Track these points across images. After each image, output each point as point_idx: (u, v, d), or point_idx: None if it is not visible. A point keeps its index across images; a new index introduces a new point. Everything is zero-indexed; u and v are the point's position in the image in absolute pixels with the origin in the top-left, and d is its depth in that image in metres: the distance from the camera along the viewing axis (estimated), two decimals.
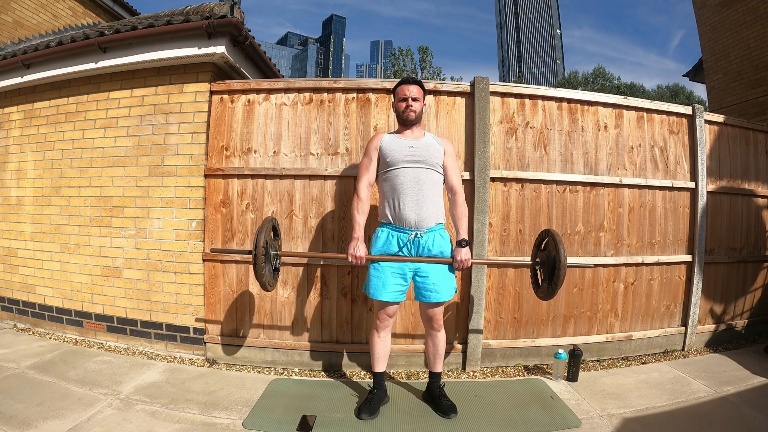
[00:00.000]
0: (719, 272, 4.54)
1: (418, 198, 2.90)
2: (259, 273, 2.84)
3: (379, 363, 3.11)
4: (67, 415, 2.82)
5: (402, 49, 29.77)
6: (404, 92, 3.02)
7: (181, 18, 3.85)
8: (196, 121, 3.88)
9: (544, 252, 3.14)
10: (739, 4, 7.69)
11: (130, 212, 4.04)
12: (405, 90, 3.02)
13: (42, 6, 7.68)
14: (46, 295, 4.39)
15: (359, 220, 2.97)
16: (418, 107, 3.02)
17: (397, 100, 3.06)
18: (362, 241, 2.93)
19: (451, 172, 3.06)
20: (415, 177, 2.91)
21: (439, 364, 3.19)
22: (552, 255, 3.01)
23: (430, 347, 3.16)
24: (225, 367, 3.83)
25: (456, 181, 3.06)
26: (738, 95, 7.78)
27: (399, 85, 3.09)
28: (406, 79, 3.08)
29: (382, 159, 3.01)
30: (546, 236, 3.17)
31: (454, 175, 3.06)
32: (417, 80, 3.08)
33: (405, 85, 3.05)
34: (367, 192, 3.02)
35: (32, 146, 4.45)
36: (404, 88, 3.03)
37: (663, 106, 4.28)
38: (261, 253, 2.80)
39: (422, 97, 3.05)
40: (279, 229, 3.26)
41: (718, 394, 3.36)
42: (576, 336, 4.05)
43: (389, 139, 3.03)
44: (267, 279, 2.92)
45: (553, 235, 3.05)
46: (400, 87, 3.07)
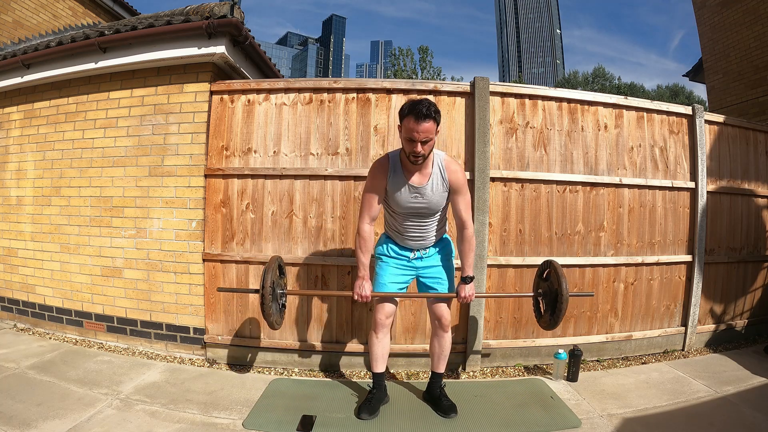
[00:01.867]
0: (719, 272, 4.54)
1: (420, 234, 2.96)
2: (266, 312, 2.88)
3: (379, 363, 3.10)
4: (67, 415, 2.82)
5: (402, 49, 29.77)
6: (413, 131, 2.55)
7: (181, 18, 3.85)
8: (196, 121, 3.88)
9: (546, 282, 3.15)
10: (739, 5, 7.68)
11: (130, 212, 4.04)
12: (415, 129, 2.55)
13: (42, 6, 7.68)
14: (46, 295, 4.39)
15: (363, 260, 2.89)
16: (429, 147, 2.65)
17: (404, 134, 2.62)
18: (367, 279, 2.89)
19: (460, 206, 2.87)
20: (418, 222, 2.91)
21: (443, 365, 3.16)
22: (554, 288, 3.03)
23: (436, 347, 3.13)
24: (225, 367, 3.83)
25: (465, 216, 2.89)
26: (738, 95, 7.77)
27: (407, 116, 2.58)
28: (417, 111, 2.53)
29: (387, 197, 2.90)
30: (548, 267, 3.19)
31: (463, 210, 2.88)
32: (431, 113, 2.55)
33: (416, 122, 2.54)
34: (369, 229, 2.89)
35: (32, 146, 4.45)
36: (414, 126, 2.54)
37: (663, 106, 4.28)
38: (268, 293, 2.84)
39: (435, 131, 2.61)
40: (284, 267, 3.30)
41: (718, 394, 3.36)
42: (576, 336, 4.05)
43: (394, 180, 2.80)
44: (275, 318, 2.96)
45: (555, 267, 3.07)
46: (410, 122, 2.56)
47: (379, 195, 2.85)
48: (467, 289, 2.94)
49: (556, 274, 3.03)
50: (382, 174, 2.81)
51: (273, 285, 2.90)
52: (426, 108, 2.54)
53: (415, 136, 2.55)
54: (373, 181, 2.84)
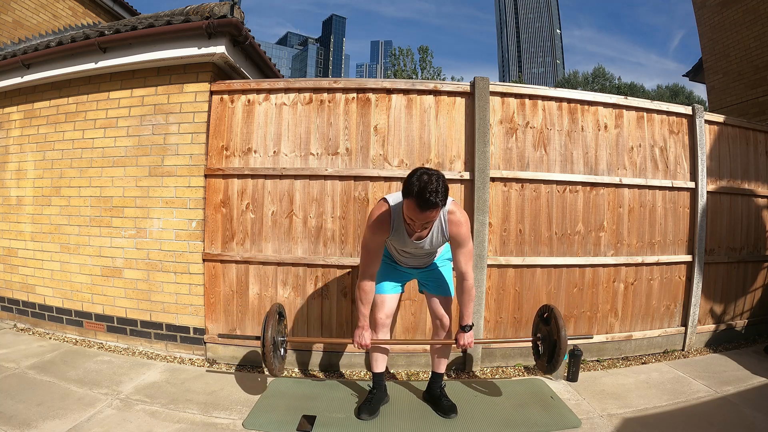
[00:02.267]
0: (719, 272, 4.54)
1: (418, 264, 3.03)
2: (268, 362, 2.90)
3: (378, 363, 3.10)
4: (67, 415, 2.81)
5: (402, 49, 29.76)
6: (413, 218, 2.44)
7: (181, 18, 3.85)
8: (196, 121, 3.88)
9: (546, 327, 3.14)
10: (738, 5, 7.68)
11: (130, 212, 4.04)
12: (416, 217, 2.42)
13: (42, 6, 7.67)
14: (46, 295, 4.39)
15: (363, 312, 2.85)
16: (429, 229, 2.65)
17: (406, 211, 2.48)
18: (367, 329, 2.87)
19: (460, 258, 2.77)
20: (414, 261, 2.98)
21: (443, 366, 3.16)
22: (554, 338, 3.03)
23: (435, 348, 3.14)
24: (225, 367, 3.83)
25: (465, 268, 2.80)
26: (738, 95, 7.77)
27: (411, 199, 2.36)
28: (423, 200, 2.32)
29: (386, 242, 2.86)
30: (546, 311, 3.19)
31: (463, 263, 2.79)
32: (437, 202, 2.34)
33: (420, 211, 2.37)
34: (370, 283, 2.82)
35: (32, 146, 4.45)
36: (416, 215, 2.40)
37: (663, 106, 4.28)
38: (269, 343, 2.86)
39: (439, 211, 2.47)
40: (284, 313, 3.30)
41: (718, 394, 3.36)
42: (576, 336, 4.05)
43: (395, 234, 2.72)
44: (277, 367, 2.97)
45: (555, 315, 3.07)
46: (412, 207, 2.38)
47: (379, 250, 2.80)
48: (466, 337, 2.94)
49: (556, 323, 3.02)
50: (383, 231, 2.71)
51: (274, 338, 2.91)
52: (434, 195, 2.31)
53: (415, 223, 2.47)
54: (374, 237, 2.73)
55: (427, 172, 2.38)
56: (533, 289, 3.96)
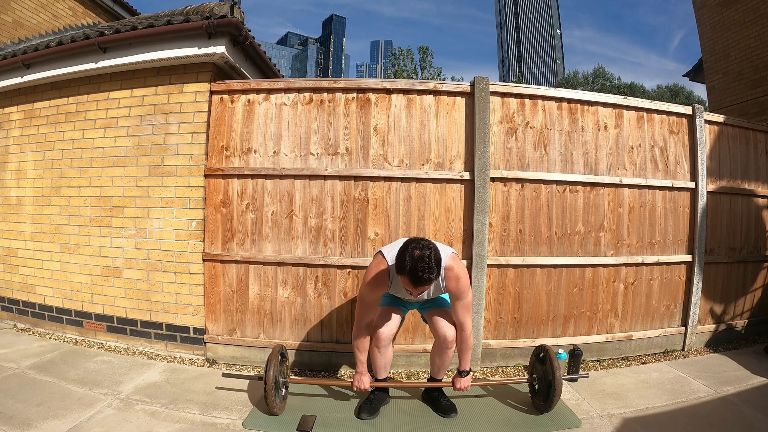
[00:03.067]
0: (719, 272, 4.54)
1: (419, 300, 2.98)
2: (269, 401, 2.87)
3: (381, 372, 3.07)
4: (67, 415, 2.82)
5: (402, 49, 29.69)
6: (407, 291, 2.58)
7: (181, 18, 3.85)
8: (196, 121, 3.88)
9: (542, 367, 3.11)
10: (738, 4, 7.68)
11: (130, 212, 4.04)
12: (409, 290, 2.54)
13: (42, 6, 7.67)
14: (46, 295, 4.39)
15: (361, 358, 2.94)
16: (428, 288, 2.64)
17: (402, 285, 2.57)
18: (365, 374, 2.94)
19: (458, 310, 2.80)
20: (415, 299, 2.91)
21: (443, 374, 3.17)
22: (549, 378, 3.00)
23: (437, 360, 3.08)
24: (225, 367, 3.83)
25: (463, 319, 2.82)
26: (738, 95, 7.77)
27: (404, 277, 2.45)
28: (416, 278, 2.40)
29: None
30: (542, 351, 3.16)
31: (461, 314, 2.81)
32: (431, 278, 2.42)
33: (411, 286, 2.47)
34: (366, 333, 2.91)
35: (32, 146, 4.45)
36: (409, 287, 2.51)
37: (663, 106, 4.28)
38: (271, 383, 2.84)
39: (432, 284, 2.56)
40: (287, 355, 3.26)
41: (718, 394, 3.36)
42: (576, 336, 4.05)
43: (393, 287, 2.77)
44: (277, 406, 2.94)
45: (551, 357, 3.04)
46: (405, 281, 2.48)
47: (376, 303, 2.88)
48: (463, 381, 2.94)
49: (551, 364, 2.99)
50: (381, 287, 2.78)
51: (276, 378, 2.91)
52: (426, 273, 2.38)
53: (409, 295, 2.64)
54: (372, 293, 2.80)
55: (419, 246, 2.43)
56: (533, 289, 3.96)
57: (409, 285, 2.46)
